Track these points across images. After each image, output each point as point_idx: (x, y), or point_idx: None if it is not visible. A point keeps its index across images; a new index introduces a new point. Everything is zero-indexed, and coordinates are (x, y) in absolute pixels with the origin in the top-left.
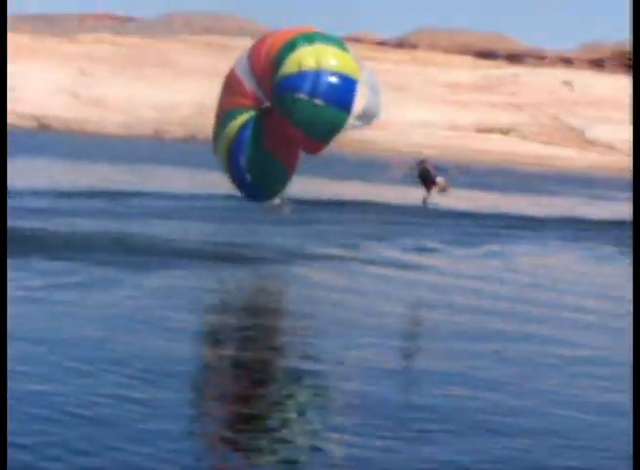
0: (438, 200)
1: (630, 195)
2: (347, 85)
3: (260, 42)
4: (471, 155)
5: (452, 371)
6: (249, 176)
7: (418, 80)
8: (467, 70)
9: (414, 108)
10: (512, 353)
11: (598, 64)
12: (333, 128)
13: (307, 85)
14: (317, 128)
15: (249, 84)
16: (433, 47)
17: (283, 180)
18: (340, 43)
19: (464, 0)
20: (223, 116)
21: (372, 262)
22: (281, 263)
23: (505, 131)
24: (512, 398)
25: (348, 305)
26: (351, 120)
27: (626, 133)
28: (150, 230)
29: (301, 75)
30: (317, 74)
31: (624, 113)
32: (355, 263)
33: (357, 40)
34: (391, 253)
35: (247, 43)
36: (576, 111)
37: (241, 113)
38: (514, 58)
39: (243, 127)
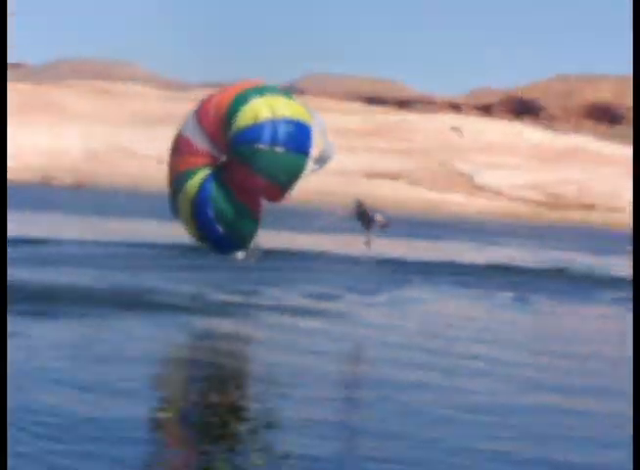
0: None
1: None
2: (303, 131)
3: (206, 102)
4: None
5: (337, 420)
6: (220, 228)
7: None
8: (357, 116)
9: None
10: (404, 403)
11: (486, 109)
12: (295, 173)
13: (266, 135)
14: (280, 175)
15: (200, 143)
16: (322, 93)
17: (254, 228)
18: (287, 93)
19: (352, 46)
20: (179, 177)
21: (268, 309)
22: (181, 311)
23: (394, 177)
24: (407, 449)
25: (240, 355)
26: (310, 164)
27: (515, 179)
28: (43, 277)
29: (259, 126)
30: (274, 124)
31: (513, 158)
32: (252, 310)
33: None
34: (289, 299)
35: (136, 89)
36: (465, 156)
37: (197, 171)
38: (403, 104)
39: (203, 183)
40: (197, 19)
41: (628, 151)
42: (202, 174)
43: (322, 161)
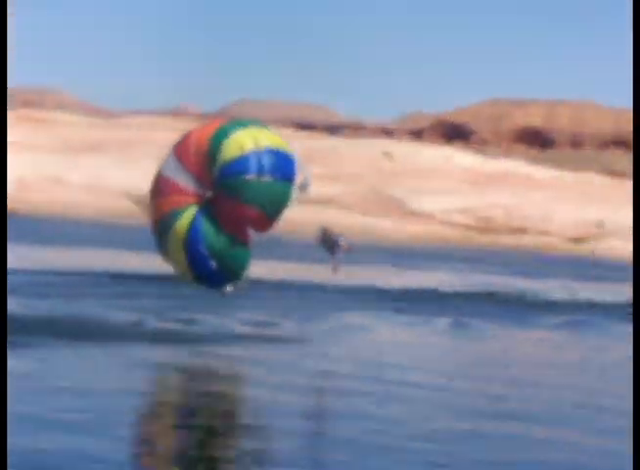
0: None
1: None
2: (286, 160)
3: (183, 143)
4: (289, 227)
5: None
6: (213, 263)
7: None
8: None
9: None
10: (337, 433)
11: (417, 134)
12: (282, 202)
13: (253, 166)
14: (268, 204)
15: (184, 182)
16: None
17: (246, 259)
18: (263, 125)
19: (283, 71)
20: (165, 218)
21: (204, 337)
22: (119, 339)
23: (326, 202)
24: None
25: (170, 385)
26: (295, 192)
27: (446, 203)
28: None
29: (245, 158)
30: (258, 154)
31: (444, 182)
32: (190, 337)
33: (179, 113)
34: (226, 327)
35: (65, 117)
36: (396, 181)
37: (184, 210)
38: (333, 129)
39: (192, 221)
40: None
41: (559, 174)
42: (190, 212)
43: (303, 187)
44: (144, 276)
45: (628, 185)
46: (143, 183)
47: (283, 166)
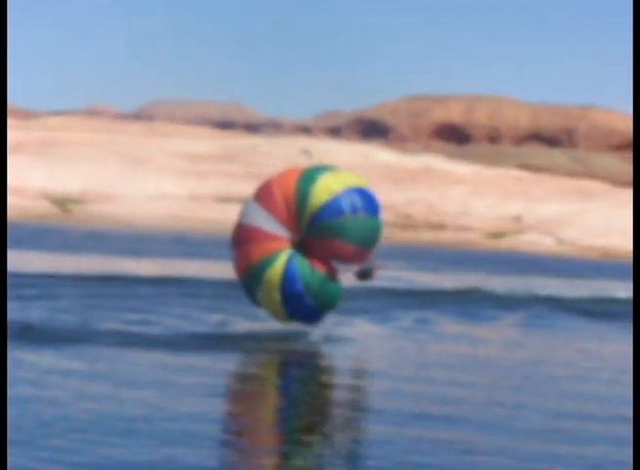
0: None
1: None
2: (370, 197)
3: (266, 192)
4: (212, 225)
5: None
6: (310, 300)
7: (157, 152)
8: (205, 141)
9: (154, 180)
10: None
11: (336, 131)
12: (377, 235)
13: (346, 205)
14: (368, 239)
15: (276, 229)
16: (171, 118)
17: (341, 294)
18: (335, 168)
19: (200, 71)
20: (257, 264)
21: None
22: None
23: (244, 201)
24: None
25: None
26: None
27: None
28: None
29: (337, 200)
30: (349, 194)
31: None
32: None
33: (96, 113)
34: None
35: None
36: None
37: (276, 255)
38: (252, 128)
39: (287, 263)
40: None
41: (477, 169)
42: (284, 256)
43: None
44: (61, 276)
45: (546, 179)
46: (61, 184)
47: (370, 203)
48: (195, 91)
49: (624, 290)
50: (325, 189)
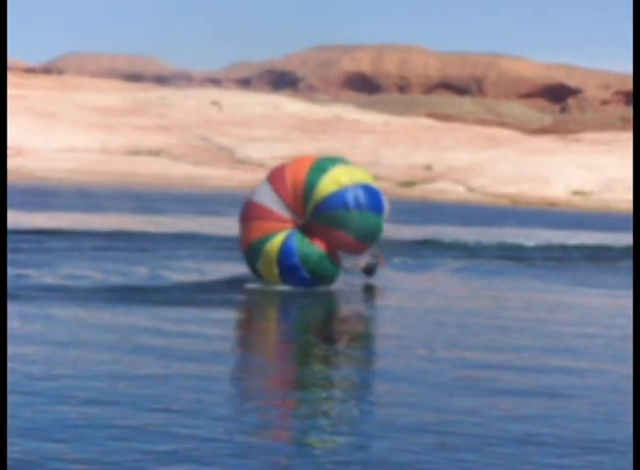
0: None
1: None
2: (376, 194)
3: (278, 175)
4: (123, 178)
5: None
6: (306, 273)
7: (67, 106)
8: (115, 94)
9: (65, 133)
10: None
11: (245, 83)
12: (377, 232)
13: (351, 199)
14: (368, 234)
15: (281, 211)
16: (80, 72)
17: (338, 274)
18: (348, 162)
19: (108, 23)
20: (260, 239)
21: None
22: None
23: (155, 153)
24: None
25: None
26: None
27: (276, 151)
28: None
29: (343, 193)
30: (355, 189)
31: (273, 130)
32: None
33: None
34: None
35: None
36: (226, 130)
37: (278, 232)
38: (162, 80)
39: (285, 239)
40: None
41: (387, 119)
42: (284, 233)
43: (385, 219)
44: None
45: (455, 128)
46: None
47: (375, 200)
48: (104, 44)
49: (534, 238)
50: (333, 181)
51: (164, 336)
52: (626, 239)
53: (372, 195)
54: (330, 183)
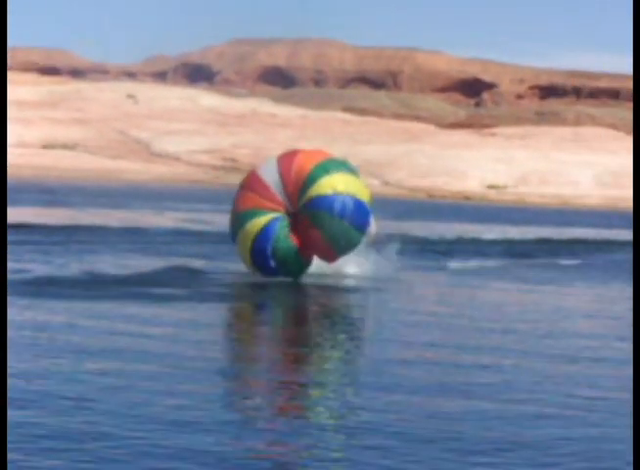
0: None
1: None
2: (365, 211)
3: (288, 159)
4: (39, 171)
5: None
6: (273, 263)
7: None
8: (30, 87)
9: None
10: None
11: (161, 76)
12: (351, 246)
13: (338, 206)
14: (341, 244)
15: (278, 193)
16: None
17: (304, 271)
18: (355, 170)
19: (23, 16)
20: (248, 212)
21: None
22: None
23: (71, 147)
24: None
25: None
26: (362, 242)
27: (192, 144)
28: None
29: (335, 198)
30: (345, 198)
31: (189, 124)
32: None
33: None
34: None
35: None
36: (142, 124)
37: (267, 212)
38: (78, 73)
39: (270, 223)
40: None
41: (303, 112)
42: (272, 215)
43: (369, 237)
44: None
45: (371, 122)
46: None
47: (361, 216)
48: (19, 37)
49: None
50: (329, 185)
51: (81, 332)
52: (540, 232)
53: (360, 210)
54: (326, 186)
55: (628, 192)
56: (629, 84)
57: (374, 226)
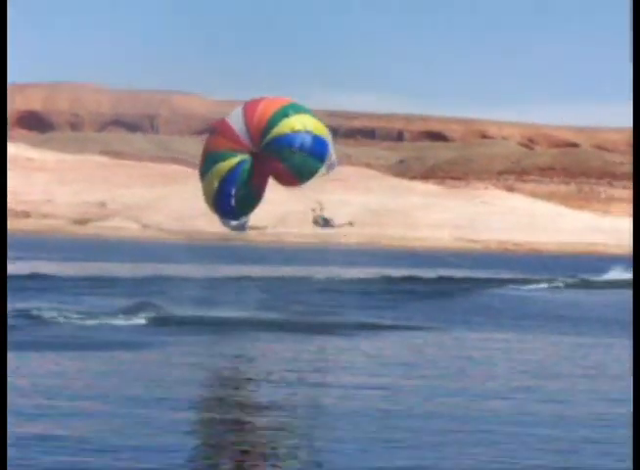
0: None
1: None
2: (323, 143)
3: (253, 106)
4: None
5: None
6: (233, 201)
7: None
8: None
9: None
10: None
11: None
12: (311, 173)
13: (298, 142)
14: (302, 172)
15: (242, 135)
16: None
17: (256, 205)
18: (312, 112)
19: None
20: (215, 154)
21: None
22: None
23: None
24: None
25: None
26: (323, 169)
27: None
28: None
29: (294, 135)
30: (304, 135)
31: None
32: None
33: None
34: None
35: None
36: None
37: (234, 154)
38: None
39: (236, 166)
40: None
41: (60, 156)
42: (239, 158)
43: (331, 167)
44: None
45: (128, 165)
46: None
47: (319, 148)
48: None
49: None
50: (288, 126)
51: None
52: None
53: (318, 143)
54: (285, 127)
55: (387, 230)
56: (385, 124)
57: (334, 154)
